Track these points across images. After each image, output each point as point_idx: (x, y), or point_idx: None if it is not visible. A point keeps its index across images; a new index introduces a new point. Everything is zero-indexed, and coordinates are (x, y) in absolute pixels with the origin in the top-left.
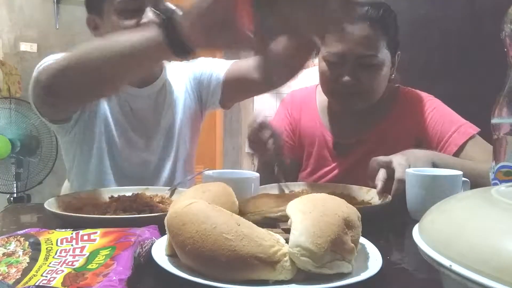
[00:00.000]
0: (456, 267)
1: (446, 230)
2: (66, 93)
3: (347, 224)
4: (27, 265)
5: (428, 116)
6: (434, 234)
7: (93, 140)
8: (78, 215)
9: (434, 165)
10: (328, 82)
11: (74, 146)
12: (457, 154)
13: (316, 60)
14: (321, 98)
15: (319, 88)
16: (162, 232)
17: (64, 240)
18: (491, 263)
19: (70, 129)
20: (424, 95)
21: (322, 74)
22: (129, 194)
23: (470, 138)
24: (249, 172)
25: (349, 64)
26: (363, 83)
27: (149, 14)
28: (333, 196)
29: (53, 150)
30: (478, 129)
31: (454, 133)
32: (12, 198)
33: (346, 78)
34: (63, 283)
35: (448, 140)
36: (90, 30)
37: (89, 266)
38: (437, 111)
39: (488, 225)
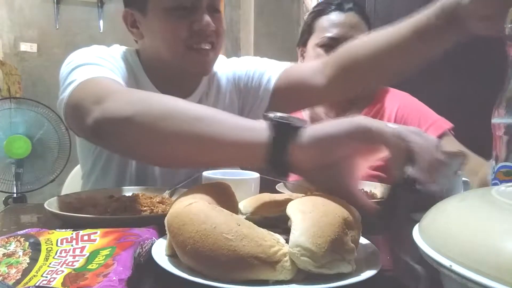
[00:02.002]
0: (456, 267)
1: (446, 230)
2: (113, 144)
3: (347, 224)
4: (27, 265)
5: (404, 112)
6: (434, 234)
7: None
8: (78, 215)
9: None
10: None
11: (96, 151)
12: None
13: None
14: None
15: None
16: (162, 232)
17: (64, 241)
18: (491, 263)
19: None
20: (398, 92)
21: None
22: (129, 194)
23: (443, 133)
24: (249, 172)
25: None
26: None
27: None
28: (333, 196)
29: (59, 151)
30: (451, 125)
31: (428, 128)
32: (8, 200)
33: None
34: (63, 284)
35: None
36: (127, 26)
37: (89, 267)
38: (412, 108)
39: (488, 225)
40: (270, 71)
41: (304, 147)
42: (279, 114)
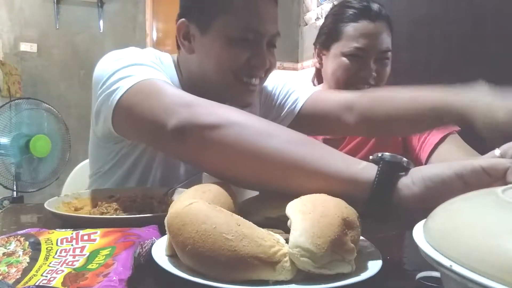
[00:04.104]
0: (456, 267)
1: (450, 230)
2: (196, 150)
3: (347, 225)
4: (27, 265)
5: None
6: (438, 234)
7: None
8: (78, 215)
9: None
10: (349, 76)
11: (122, 152)
12: (434, 149)
13: (304, 63)
14: None
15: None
16: (162, 232)
17: (64, 240)
18: (495, 264)
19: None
20: None
21: (343, 69)
22: (129, 194)
23: (449, 134)
24: None
25: (371, 58)
26: (379, 76)
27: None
28: (333, 196)
29: (61, 152)
30: (458, 128)
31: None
32: (3, 202)
33: (369, 71)
34: (63, 283)
35: (428, 135)
36: (178, 36)
37: (89, 266)
38: None
39: (492, 225)
40: (296, 94)
41: (412, 188)
42: (386, 153)
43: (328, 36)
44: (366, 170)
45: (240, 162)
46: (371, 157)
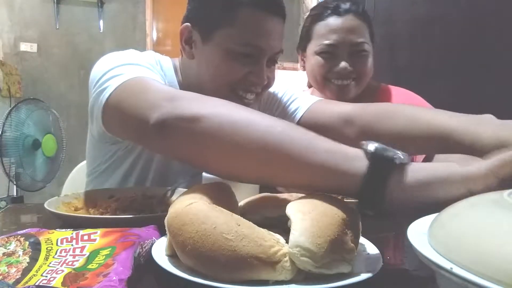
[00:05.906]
0: (457, 269)
1: (457, 236)
2: (178, 144)
3: (347, 224)
4: (27, 265)
5: None
6: (445, 240)
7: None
8: (78, 215)
9: None
10: (325, 74)
11: (119, 152)
12: None
13: (300, 64)
14: None
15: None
16: (162, 232)
17: (64, 240)
18: (501, 268)
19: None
20: (403, 91)
21: (318, 67)
22: (129, 194)
23: None
24: None
25: (344, 53)
26: (357, 69)
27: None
28: (333, 196)
29: (59, 151)
30: None
31: None
32: (0, 203)
33: (343, 64)
34: (63, 283)
35: None
36: (180, 40)
37: (89, 266)
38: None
39: (499, 228)
40: (297, 102)
41: (406, 186)
42: (378, 144)
43: (303, 38)
44: (355, 163)
45: (221, 154)
46: (363, 143)
